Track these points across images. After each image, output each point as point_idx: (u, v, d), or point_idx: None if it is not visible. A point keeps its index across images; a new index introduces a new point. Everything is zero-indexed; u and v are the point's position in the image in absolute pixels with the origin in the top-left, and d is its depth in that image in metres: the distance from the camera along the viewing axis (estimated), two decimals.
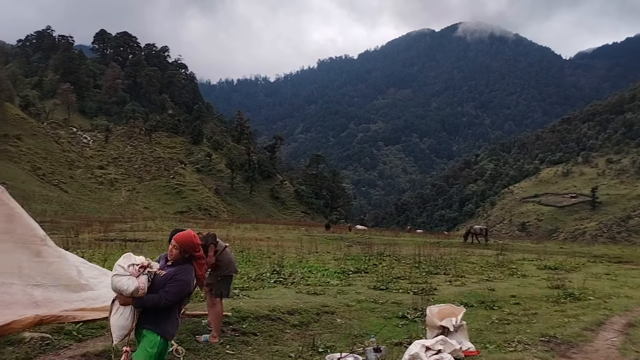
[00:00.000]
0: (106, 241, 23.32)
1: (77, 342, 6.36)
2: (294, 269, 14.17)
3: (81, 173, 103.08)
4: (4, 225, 7.19)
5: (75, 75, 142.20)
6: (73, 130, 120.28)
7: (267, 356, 6.69)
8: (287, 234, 38.51)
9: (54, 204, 66.41)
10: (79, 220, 44.31)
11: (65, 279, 7.43)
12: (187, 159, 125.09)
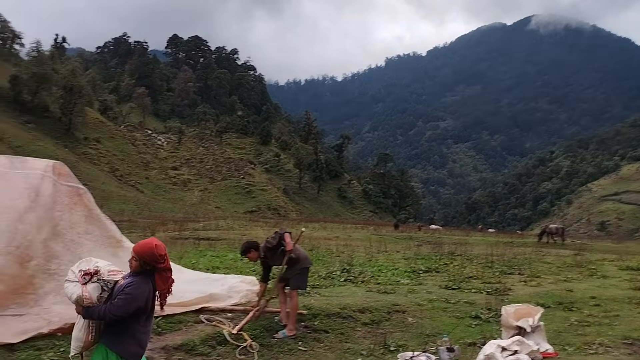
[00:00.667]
0: (181, 239, 23.95)
1: (156, 335, 6.53)
2: (364, 267, 14.05)
3: (156, 174, 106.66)
4: (85, 225, 7.54)
5: (150, 79, 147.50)
6: (148, 133, 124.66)
7: (339, 353, 6.63)
8: (355, 233, 38.40)
9: (131, 204, 69.06)
10: (155, 219, 45.78)
11: None
12: (257, 159, 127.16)
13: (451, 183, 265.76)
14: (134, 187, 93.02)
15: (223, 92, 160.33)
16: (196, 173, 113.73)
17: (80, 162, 79.57)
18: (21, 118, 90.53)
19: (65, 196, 7.58)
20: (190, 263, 12.99)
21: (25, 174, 7.50)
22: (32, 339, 5.88)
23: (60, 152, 76.67)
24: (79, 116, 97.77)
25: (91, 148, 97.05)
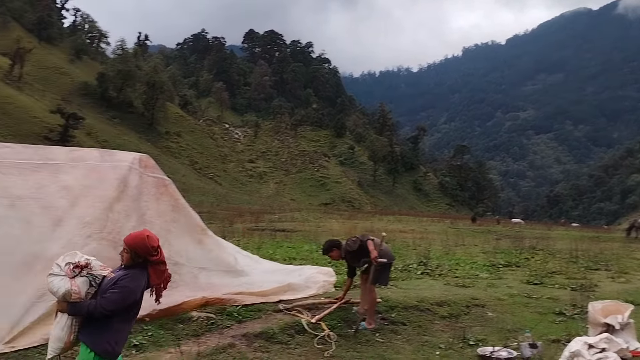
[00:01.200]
0: (257, 231, 24.47)
1: (237, 322, 6.75)
2: (441, 261, 13.86)
3: (233, 167, 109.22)
4: (171, 214, 7.85)
5: (227, 74, 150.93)
6: (226, 127, 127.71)
7: (417, 346, 6.59)
8: (432, 226, 37.91)
9: (210, 196, 71.11)
10: (232, 211, 46.96)
11: (225, 265, 7.95)
12: (331, 151, 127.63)
13: (531, 175, 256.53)
14: (213, 180, 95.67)
15: (298, 86, 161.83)
16: (272, 166, 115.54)
17: (161, 155, 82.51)
18: (107, 114, 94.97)
19: (151, 187, 7.92)
20: (267, 254, 13.24)
21: (114, 166, 7.88)
22: None
23: (144, 146, 79.91)
24: (160, 111, 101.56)
25: (172, 142, 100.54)
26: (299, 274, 9.07)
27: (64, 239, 6.59)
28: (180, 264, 7.44)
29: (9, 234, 6.33)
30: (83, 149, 8.29)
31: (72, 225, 6.80)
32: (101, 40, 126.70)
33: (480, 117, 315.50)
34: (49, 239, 6.52)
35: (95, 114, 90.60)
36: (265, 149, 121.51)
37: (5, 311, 5.61)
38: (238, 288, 7.60)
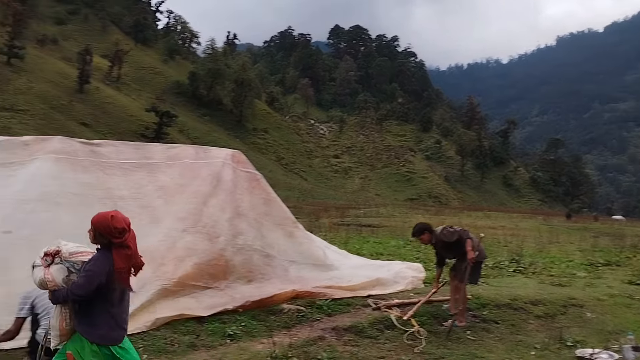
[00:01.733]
0: (343, 226, 24.59)
1: (327, 316, 6.83)
2: (534, 258, 13.36)
3: (318, 162, 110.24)
4: (264, 207, 8.07)
5: (313, 70, 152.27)
6: (311, 122, 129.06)
7: (510, 345, 6.39)
8: (523, 222, 36.63)
9: (296, 191, 72.20)
10: (318, 206, 47.43)
11: (314, 259, 8.06)
12: (417, 146, 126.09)
13: (632, 170, 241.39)
14: (298, 175, 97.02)
15: (383, 80, 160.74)
16: (357, 161, 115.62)
17: (249, 151, 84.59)
18: (198, 111, 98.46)
19: (244, 181, 8.18)
20: (354, 249, 13.29)
21: (208, 163, 8.20)
22: (218, 313, 6.42)
23: (232, 142, 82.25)
24: (248, 108, 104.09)
25: (259, 138, 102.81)
26: (388, 269, 9.04)
27: (161, 234, 6.95)
28: (271, 256, 7.63)
29: None
30: (179, 147, 8.66)
31: (168, 222, 7.15)
32: (192, 40, 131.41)
33: (575, 109, 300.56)
34: (147, 235, 6.87)
35: (187, 111, 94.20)
36: (351, 144, 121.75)
37: None
38: (327, 282, 7.68)
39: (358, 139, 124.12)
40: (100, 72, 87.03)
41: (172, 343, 5.59)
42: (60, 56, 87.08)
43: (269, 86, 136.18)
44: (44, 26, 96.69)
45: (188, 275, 6.67)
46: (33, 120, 59.01)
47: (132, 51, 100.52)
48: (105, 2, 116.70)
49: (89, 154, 7.48)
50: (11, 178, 6.70)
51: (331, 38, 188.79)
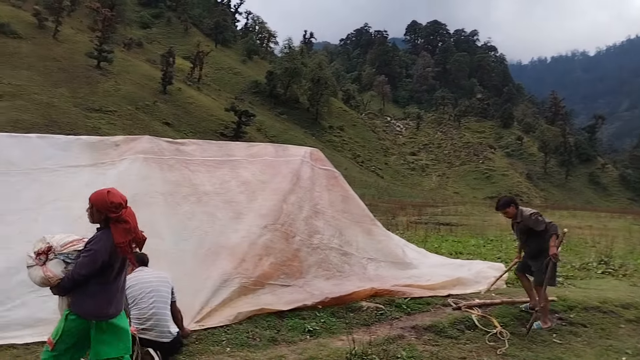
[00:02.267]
0: (420, 224, 24.28)
1: (406, 315, 6.79)
2: (625, 260, 12.67)
3: (395, 160, 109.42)
4: (342, 205, 8.12)
5: (389, 67, 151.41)
6: (387, 120, 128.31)
7: (599, 350, 6.11)
8: (612, 222, 34.82)
9: (372, 189, 71.94)
10: (394, 204, 47.07)
11: (393, 257, 8.02)
12: (497, 143, 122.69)
13: None
14: (374, 173, 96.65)
15: (462, 76, 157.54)
16: (434, 158, 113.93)
17: (325, 149, 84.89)
18: (275, 110, 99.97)
19: (322, 179, 8.25)
20: (432, 247, 13.10)
21: (287, 161, 8.34)
22: (297, 309, 6.51)
23: (309, 140, 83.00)
24: (324, 106, 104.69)
25: (335, 136, 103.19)
26: (468, 269, 8.87)
27: (243, 230, 7.13)
28: (349, 254, 7.67)
29: (199, 227, 7.01)
30: (259, 145, 8.85)
31: (250, 218, 7.32)
32: (270, 40, 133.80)
33: None
34: (230, 231, 7.09)
35: (264, 110, 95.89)
36: (428, 141, 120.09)
37: (196, 294, 6.19)
38: (406, 280, 7.63)
39: (435, 136, 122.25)
40: (182, 73, 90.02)
41: (254, 337, 5.72)
42: (145, 59, 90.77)
43: (345, 84, 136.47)
44: (130, 30, 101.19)
45: (265, 275, 6.84)
46: (120, 120, 61.86)
47: (212, 52, 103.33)
48: (187, 5, 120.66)
49: (174, 153, 7.77)
50: (102, 178, 7.02)
51: (408, 34, 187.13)
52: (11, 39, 68.24)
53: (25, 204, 6.46)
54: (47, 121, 51.36)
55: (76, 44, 76.42)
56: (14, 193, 6.55)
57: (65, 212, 6.42)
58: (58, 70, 66.86)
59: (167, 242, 6.58)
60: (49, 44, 72.53)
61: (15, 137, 7.37)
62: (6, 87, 55.12)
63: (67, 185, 6.82)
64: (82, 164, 7.14)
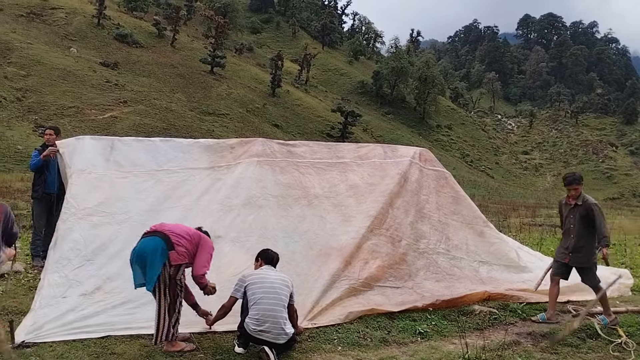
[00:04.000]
0: (534, 226, 23.26)
1: (521, 320, 6.58)
2: None
3: (506, 159, 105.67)
4: (452, 206, 7.98)
5: (500, 63, 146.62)
6: (498, 118, 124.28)
7: None
8: None
9: (481, 189, 69.85)
10: (505, 204, 45.37)
11: (506, 260, 7.77)
12: (619, 140, 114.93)
13: None
14: (484, 172, 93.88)
15: (579, 70, 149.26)
16: (548, 157, 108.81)
17: (433, 148, 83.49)
18: (382, 110, 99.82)
19: (431, 180, 8.14)
20: (548, 251, 12.52)
21: (396, 162, 8.28)
22: (408, 311, 6.50)
23: (415, 140, 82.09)
24: (432, 105, 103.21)
25: (443, 135, 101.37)
26: None
27: (352, 232, 7.21)
28: (458, 258, 7.51)
29: (310, 229, 7.18)
30: (368, 146, 8.85)
31: (358, 221, 7.38)
32: (376, 40, 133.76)
33: None
34: (340, 233, 7.20)
35: (370, 110, 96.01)
36: (541, 140, 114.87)
37: (308, 293, 6.35)
38: (521, 285, 7.37)
39: (550, 134, 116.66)
40: (290, 76, 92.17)
41: (365, 337, 5.76)
42: (255, 63, 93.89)
43: (453, 82, 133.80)
44: (241, 36, 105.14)
45: (373, 277, 6.86)
46: (232, 123, 64.33)
47: (319, 54, 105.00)
48: (296, 9, 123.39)
49: (286, 155, 7.98)
50: (219, 182, 7.37)
51: (520, 28, 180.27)
52: (134, 48, 73.08)
53: (150, 205, 6.90)
54: (165, 125, 54.42)
55: (192, 50, 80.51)
56: (140, 194, 7.01)
57: (185, 214, 6.80)
58: (175, 76, 70.69)
59: (280, 243, 6.79)
60: (167, 51, 76.96)
61: (140, 140, 7.88)
62: (129, 93, 59.04)
63: (188, 187, 7.21)
64: (201, 166, 7.51)
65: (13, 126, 43.52)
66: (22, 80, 52.35)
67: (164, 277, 5.00)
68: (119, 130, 44.63)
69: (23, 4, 72.21)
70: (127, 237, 6.41)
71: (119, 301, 5.85)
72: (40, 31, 67.03)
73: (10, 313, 6.00)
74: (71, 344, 5.15)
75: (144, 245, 5.05)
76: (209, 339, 5.48)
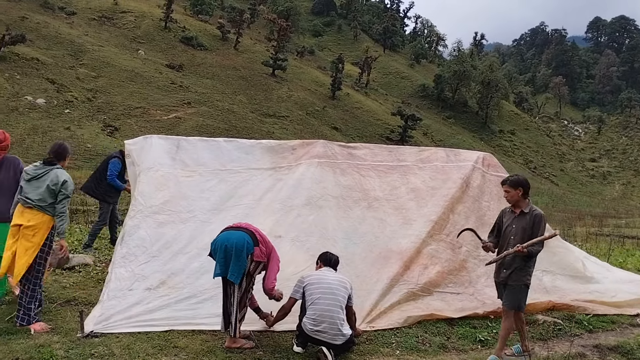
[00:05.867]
0: (602, 236, 22.43)
1: (587, 332, 6.37)
2: None
3: (572, 166, 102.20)
4: None
5: (568, 67, 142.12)
6: (564, 123, 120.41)
7: None
8: None
9: (545, 196, 67.76)
10: (570, 213, 43.93)
11: (571, 270, 7.53)
12: None
13: None
14: (548, 180, 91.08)
15: None
16: (617, 165, 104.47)
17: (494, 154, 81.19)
18: (443, 114, 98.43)
19: (494, 186, 7.96)
20: (616, 262, 12.04)
21: (459, 166, 8.16)
22: (468, 317, 6.39)
23: (477, 145, 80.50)
24: (494, 109, 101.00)
25: (506, 140, 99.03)
26: None
27: (413, 236, 7.15)
28: None
29: (369, 231, 7.19)
30: (430, 149, 8.73)
31: (419, 224, 7.32)
32: (439, 43, 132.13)
33: None
34: (400, 236, 7.15)
35: (431, 114, 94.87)
36: (610, 147, 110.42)
37: (367, 296, 6.35)
38: (587, 296, 7.11)
39: (620, 141, 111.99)
40: (351, 79, 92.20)
41: (423, 342, 5.71)
42: (316, 66, 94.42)
43: (518, 86, 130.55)
44: (303, 39, 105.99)
45: (432, 282, 6.81)
46: (291, 125, 64.92)
47: (380, 57, 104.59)
48: (358, 12, 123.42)
49: (347, 157, 8.00)
50: (280, 182, 7.47)
51: (590, 32, 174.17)
52: (198, 50, 74.88)
53: (213, 204, 7.06)
54: (227, 126, 55.47)
55: (254, 53, 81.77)
56: (204, 193, 7.19)
57: (248, 212, 6.92)
58: (238, 78, 71.99)
59: (339, 244, 6.82)
60: (230, 54, 78.45)
61: (205, 140, 8.07)
62: (193, 95, 60.51)
63: (250, 186, 7.34)
64: (263, 167, 7.62)
65: (83, 125, 45.31)
66: (93, 81, 54.50)
67: (247, 271, 5.14)
68: (182, 131, 45.81)
69: (95, 8, 75.26)
70: (190, 235, 6.62)
71: (182, 296, 6.02)
72: (111, 34, 69.66)
73: (80, 304, 6.27)
74: (136, 335, 5.33)
75: (231, 238, 5.15)
76: (268, 337, 5.56)
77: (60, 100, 48.65)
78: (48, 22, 63.37)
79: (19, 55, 51.80)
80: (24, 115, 43.68)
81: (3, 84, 46.68)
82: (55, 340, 5.09)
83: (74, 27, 66.15)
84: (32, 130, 41.01)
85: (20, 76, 49.28)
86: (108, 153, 13.01)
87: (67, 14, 70.45)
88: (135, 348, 5.03)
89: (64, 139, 37.58)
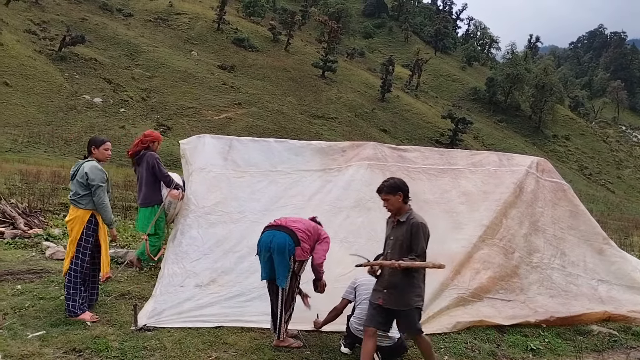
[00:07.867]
0: None
1: None
2: None
3: (629, 173, 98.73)
4: (569, 221, 7.59)
5: (627, 71, 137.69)
6: (622, 129, 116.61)
7: None
8: None
9: (600, 204, 65.71)
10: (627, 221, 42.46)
11: (628, 280, 7.29)
12: None
13: None
14: (604, 187, 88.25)
15: None
16: None
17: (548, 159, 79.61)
18: (494, 117, 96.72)
19: (548, 192, 7.77)
20: None
21: (512, 171, 7.99)
22: (519, 325, 6.26)
23: (529, 150, 78.79)
24: (548, 114, 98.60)
25: (560, 145, 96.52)
26: None
27: (462, 241, 7.04)
28: (574, 275, 7.15)
29: None
30: (483, 153, 8.57)
31: (470, 229, 7.19)
32: (491, 46, 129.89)
33: None
34: (450, 240, 7.05)
35: (482, 118, 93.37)
36: None
37: None
38: None
39: None
40: (401, 81, 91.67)
41: (472, 349, 5.62)
42: (366, 67, 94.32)
43: (573, 90, 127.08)
44: (353, 41, 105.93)
45: (483, 288, 6.69)
46: (340, 127, 65.02)
47: (432, 60, 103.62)
48: (409, 14, 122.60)
49: (397, 160, 7.94)
50: (329, 184, 7.47)
51: None
52: (250, 52, 75.92)
53: (264, 205, 7.13)
54: (276, 127, 56.01)
55: (304, 55, 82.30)
56: (255, 194, 7.27)
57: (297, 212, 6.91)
58: (288, 80, 72.61)
59: None
60: (281, 55, 79.18)
61: (256, 141, 8.16)
62: (244, 95, 61.34)
63: (300, 187, 7.38)
64: (313, 168, 7.64)
65: (137, 124, 46.57)
66: (147, 81, 55.96)
67: (291, 271, 5.17)
68: (233, 131, 46.50)
69: (151, 10, 77.26)
70: (241, 235, 6.72)
71: (231, 294, 6.12)
72: (165, 35, 71.37)
73: (133, 297, 6.45)
74: (187, 331, 5.44)
75: (273, 240, 5.16)
76: (315, 337, 5.58)
77: (116, 99, 50.16)
78: (106, 23, 65.43)
79: (78, 56, 53.66)
80: (81, 114, 45.24)
81: (63, 83, 48.45)
82: (110, 332, 5.25)
83: (130, 28, 68.07)
84: (89, 128, 42.40)
85: (79, 76, 51.05)
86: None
87: (125, 16, 72.59)
88: (186, 343, 5.13)
89: (118, 137, 38.69)
